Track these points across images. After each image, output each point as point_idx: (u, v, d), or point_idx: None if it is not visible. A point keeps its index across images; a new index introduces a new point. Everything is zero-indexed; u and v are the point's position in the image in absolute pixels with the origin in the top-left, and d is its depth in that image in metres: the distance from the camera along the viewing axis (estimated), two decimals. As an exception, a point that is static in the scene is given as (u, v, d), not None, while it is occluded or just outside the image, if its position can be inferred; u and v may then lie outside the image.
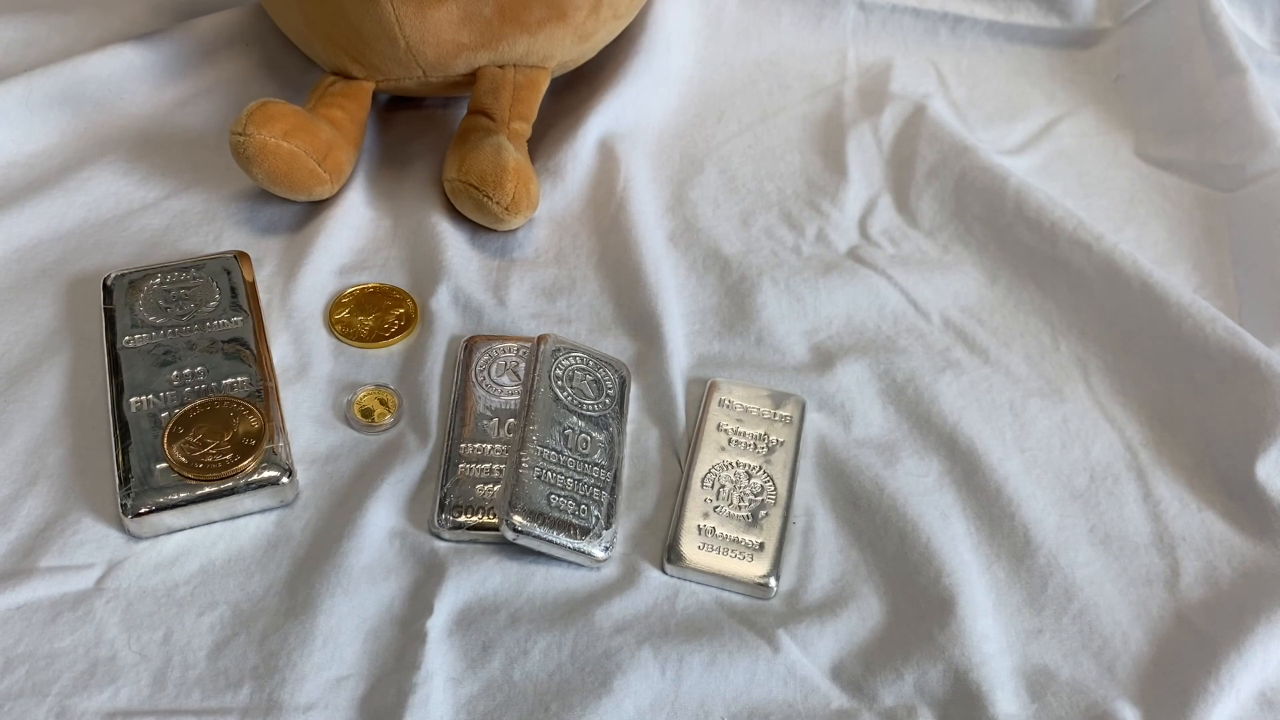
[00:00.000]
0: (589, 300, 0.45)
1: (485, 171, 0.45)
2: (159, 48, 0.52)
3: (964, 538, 0.38)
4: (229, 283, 0.42)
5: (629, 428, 0.41)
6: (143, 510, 0.35)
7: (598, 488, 0.37)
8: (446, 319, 0.43)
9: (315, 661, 0.33)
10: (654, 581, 0.36)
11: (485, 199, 0.45)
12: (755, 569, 0.36)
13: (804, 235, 0.49)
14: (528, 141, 0.50)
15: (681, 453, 0.40)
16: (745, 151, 0.53)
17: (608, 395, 0.40)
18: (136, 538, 0.36)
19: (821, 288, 0.46)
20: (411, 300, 0.44)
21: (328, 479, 0.38)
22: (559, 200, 0.49)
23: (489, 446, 0.38)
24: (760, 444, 0.40)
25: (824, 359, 0.44)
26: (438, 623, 0.34)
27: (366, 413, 0.40)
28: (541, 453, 0.37)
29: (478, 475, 0.38)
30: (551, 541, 0.36)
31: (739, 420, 0.40)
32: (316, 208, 0.47)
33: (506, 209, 0.45)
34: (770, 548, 0.37)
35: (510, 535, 0.35)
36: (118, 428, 0.37)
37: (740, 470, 0.39)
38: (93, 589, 0.34)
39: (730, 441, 0.40)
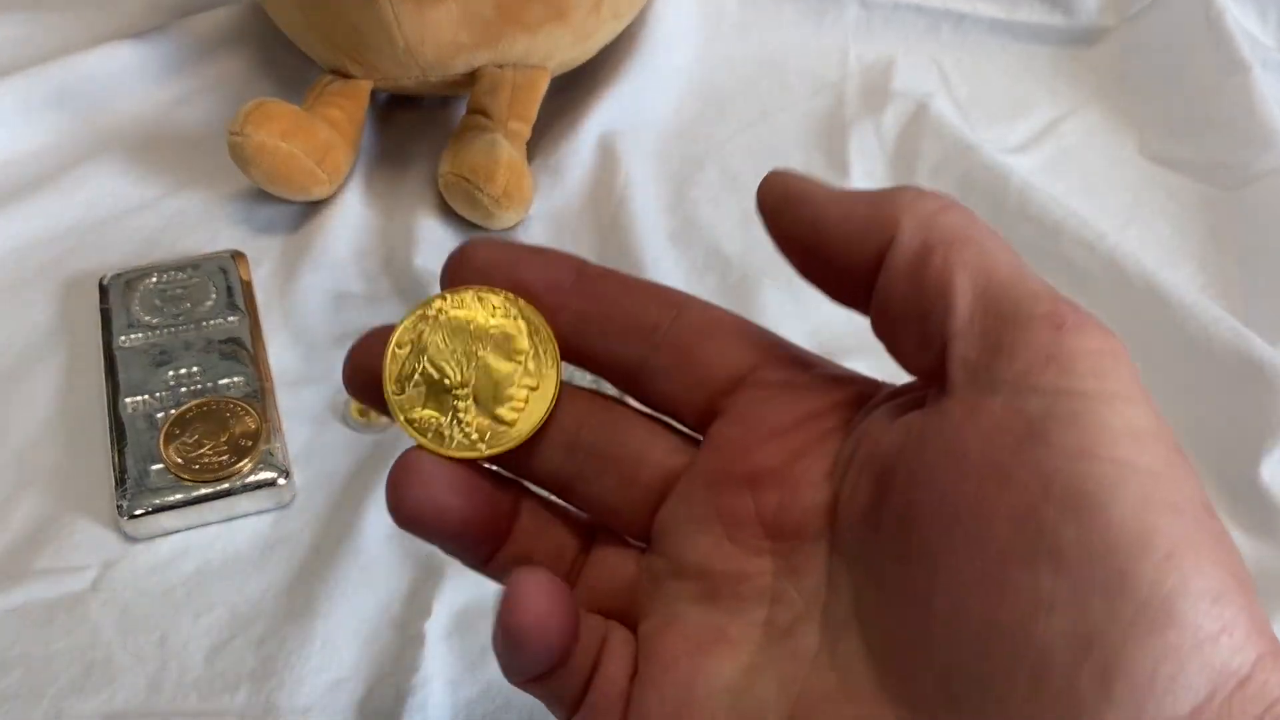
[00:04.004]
0: (589, 300, 0.45)
1: (477, 163, 0.45)
2: (156, 46, 0.52)
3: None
4: (225, 282, 0.42)
5: (629, 428, 0.40)
6: (139, 512, 0.35)
7: (597, 489, 0.37)
8: (445, 319, 0.43)
9: (313, 664, 0.33)
10: (654, 583, 0.36)
11: (476, 191, 0.45)
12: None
13: (805, 234, 0.49)
14: (527, 143, 0.49)
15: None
16: (746, 150, 0.53)
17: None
18: (132, 539, 0.36)
19: (823, 287, 0.46)
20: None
21: (325, 480, 0.38)
22: (558, 199, 0.49)
23: (488, 447, 0.38)
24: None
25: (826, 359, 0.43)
26: (436, 625, 0.34)
27: (364, 412, 0.39)
28: (541, 453, 0.37)
29: (476, 476, 0.37)
30: (551, 543, 0.35)
31: (740, 421, 0.40)
32: (314, 207, 0.47)
33: (497, 201, 0.45)
34: (771, 549, 0.36)
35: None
36: (114, 428, 0.37)
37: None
38: (88, 590, 0.34)
39: (731, 442, 0.39)
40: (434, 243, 0.46)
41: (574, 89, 0.54)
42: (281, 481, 0.36)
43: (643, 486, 0.22)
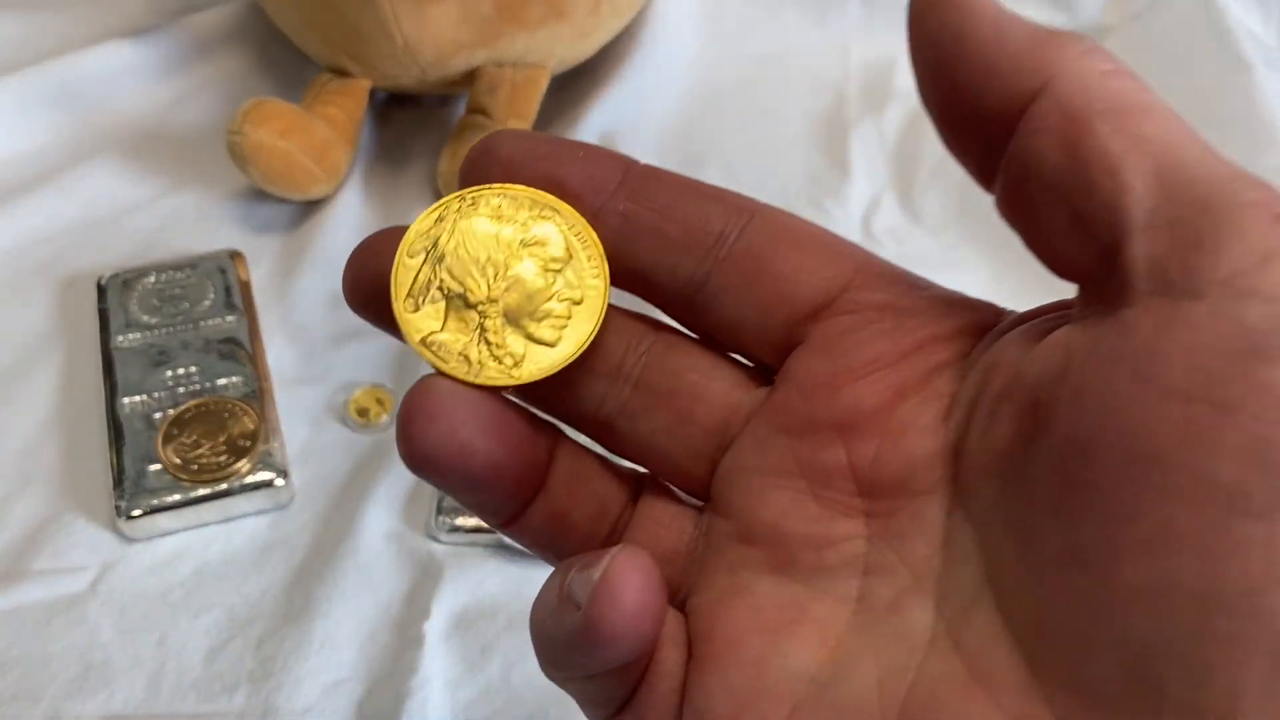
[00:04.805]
0: (589, 299, 0.45)
1: None
2: (154, 44, 0.51)
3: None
4: (224, 282, 0.42)
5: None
6: (136, 512, 0.35)
7: (597, 489, 0.37)
8: (444, 318, 0.43)
9: (312, 665, 0.33)
10: (654, 584, 0.36)
11: None
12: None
13: (806, 233, 0.49)
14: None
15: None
16: (747, 148, 0.53)
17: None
18: (130, 540, 0.35)
19: (824, 286, 0.46)
20: None
21: (323, 480, 0.38)
22: (559, 198, 0.49)
23: (487, 447, 0.38)
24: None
25: (826, 359, 0.43)
26: (435, 626, 0.34)
27: (362, 412, 0.39)
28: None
29: (476, 476, 0.37)
30: (551, 544, 0.35)
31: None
32: (312, 206, 0.47)
33: None
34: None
35: (509, 539, 0.35)
36: (111, 428, 0.37)
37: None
38: (86, 591, 0.34)
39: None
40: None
41: (574, 87, 0.54)
42: (280, 482, 0.36)
43: (700, 427, 0.19)
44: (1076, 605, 0.14)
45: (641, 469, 0.20)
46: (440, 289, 0.18)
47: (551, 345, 0.18)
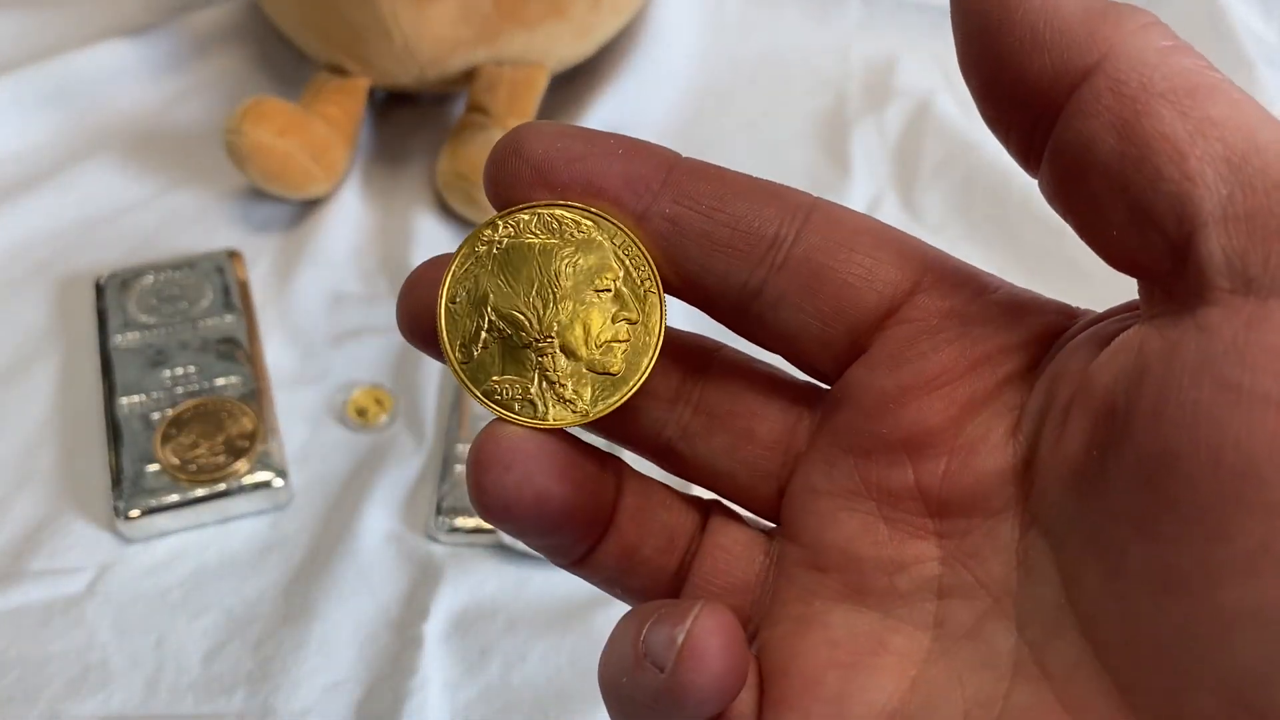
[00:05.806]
0: (588, 299, 0.45)
1: (476, 162, 0.44)
2: (152, 43, 0.51)
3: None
4: (222, 281, 0.42)
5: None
6: (134, 513, 0.35)
7: (597, 489, 0.37)
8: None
9: (310, 666, 0.33)
10: (654, 585, 0.36)
11: (475, 189, 0.44)
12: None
13: (806, 233, 0.49)
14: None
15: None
16: (747, 147, 0.53)
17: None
18: (128, 540, 0.35)
19: (824, 286, 0.46)
20: None
21: (322, 481, 0.37)
22: (558, 197, 0.49)
23: (487, 448, 0.38)
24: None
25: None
26: (434, 627, 0.34)
27: (361, 412, 0.39)
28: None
29: (475, 477, 0.37)
30: (550, 544, 0.35)
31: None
32: (311, 206, 0.47)
33: None
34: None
35: (508, 538, 0.35)
36: (110, 429, 0.37)
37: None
38: (84, 592, 0.34)
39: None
40: (432, 241, 0.45)
41: (573, 86, 0.53)
42: (278, 482, 0.36)
43: (762, 445, 0.18)
44: (1171, 631, 0.13)
45: (708, 494, 0.19)
46: (490, 332, 0.17)
47: (616, 374, 0.17)
